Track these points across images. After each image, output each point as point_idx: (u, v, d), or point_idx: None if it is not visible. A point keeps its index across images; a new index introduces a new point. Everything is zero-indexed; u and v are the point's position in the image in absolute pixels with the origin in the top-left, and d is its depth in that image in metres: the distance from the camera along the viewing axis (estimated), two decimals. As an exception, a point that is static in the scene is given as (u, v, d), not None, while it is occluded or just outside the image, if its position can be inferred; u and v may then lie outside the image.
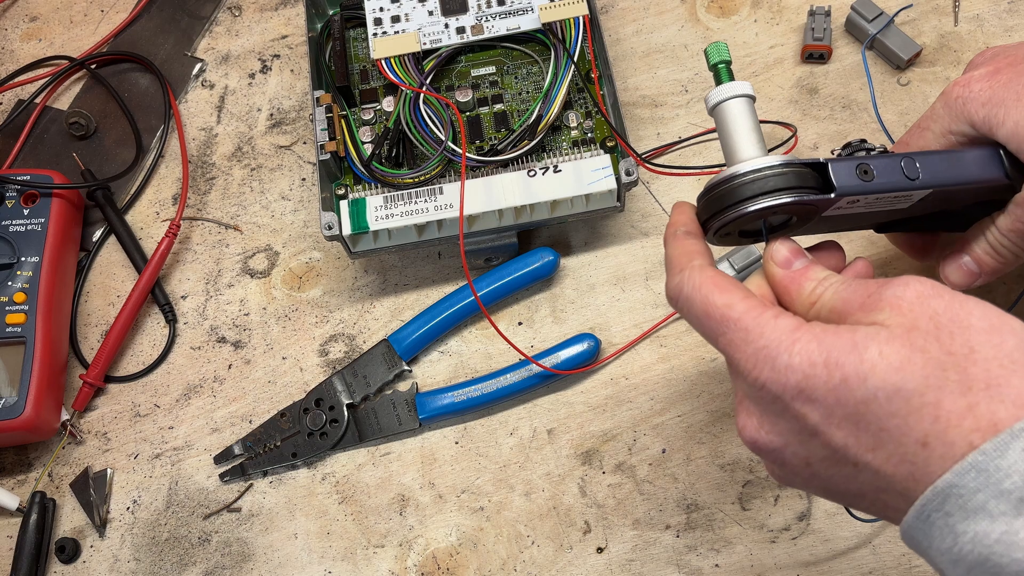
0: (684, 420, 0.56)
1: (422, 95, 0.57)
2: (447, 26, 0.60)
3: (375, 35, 0.59)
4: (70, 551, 0.56)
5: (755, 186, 0.38)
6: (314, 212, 0.65)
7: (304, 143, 0.67)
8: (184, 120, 0.69)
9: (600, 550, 0.54)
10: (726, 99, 0.41)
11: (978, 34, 0.64)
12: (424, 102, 0.57)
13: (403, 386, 0.59)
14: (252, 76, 0.70)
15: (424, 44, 0.59)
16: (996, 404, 0.30)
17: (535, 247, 0.60)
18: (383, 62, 0.58)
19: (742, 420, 0.37)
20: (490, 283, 0.59)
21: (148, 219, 0.66)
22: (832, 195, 0.38)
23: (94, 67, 0.71)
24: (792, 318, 0.35)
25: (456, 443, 0.57)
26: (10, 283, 0.59)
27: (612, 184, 0.55)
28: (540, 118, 0.57)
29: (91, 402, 0.61)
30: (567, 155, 0.57)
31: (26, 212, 0.61)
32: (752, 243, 0.43)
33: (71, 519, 0.58)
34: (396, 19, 0.60)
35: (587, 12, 0.58)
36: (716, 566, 0.53)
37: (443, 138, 0.55)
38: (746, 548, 0.53)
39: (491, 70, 0.61)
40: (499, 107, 0.59)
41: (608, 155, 0.57)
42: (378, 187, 0.57)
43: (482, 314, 0.58)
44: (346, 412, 0.58)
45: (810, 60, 0.65)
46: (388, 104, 0.60)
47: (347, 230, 0.55)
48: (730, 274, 0.49)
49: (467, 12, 0.60)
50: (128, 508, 0.58)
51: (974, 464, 0.30)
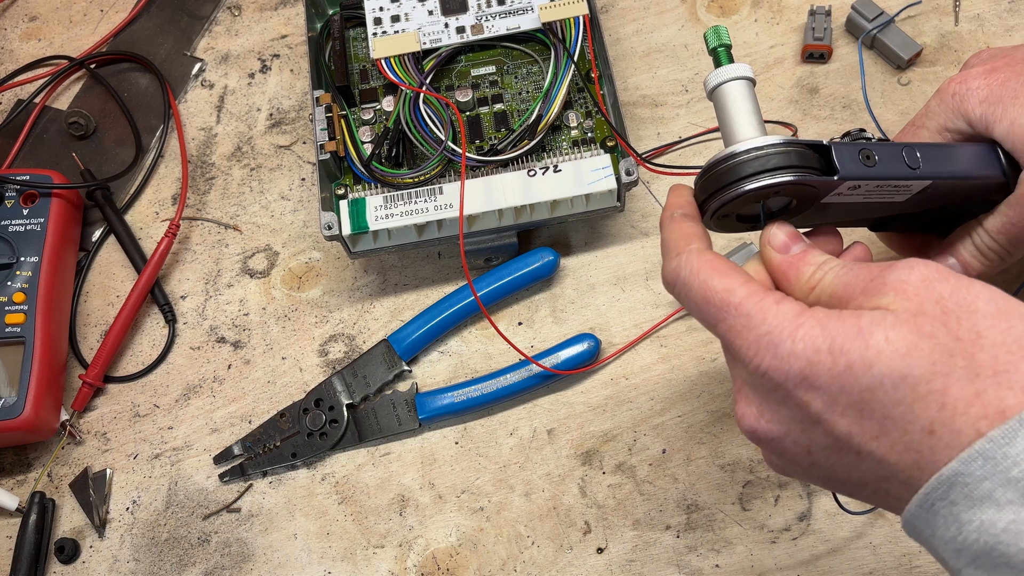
0: (684, 420, 0.56)
1: (422, 95, 0.57)
2: (447, 26, 0.60)
3: (375, 35, 0.59)
4: (69, 551, 0.56)
5: (757, 163, 0.37)
6: (314, 212, 0.65)
7: (304, 143, 0.67)
8: (184, 120, 0.69)
9: (600, 550, 0.54)
10: (726, 81, 0.40)
11: (979, 34, 0.64)
12: (424, 102, 0.57)
13: (403, 386, 0.59)
14: (252, 76, 0.70)
15: (424, 44, 0.59)
16: (1004, 391, 0.29)
17: (535, 247, 0.60)
18: (383, 62, 0.58)
19: (741, 408, 0.36)
20: (490, 283, 0.59)
21: (148, 219, 0.66)
22: (835, 177, 0.37)
23: (94, 67, 0.71)
24: (795, 303, 0.34)
25: (456, 443, 0.57)
26: (9, 283, 0.59)
27: (612, 184, 0.55)
28: (540, 118, 0.57)
29: (90, 402, 0.61)
30: (567, 155, 0.57)
31: (25, 212, 0.61)
32: (750, 230, 0.42)
33: (71, 519, 0.58)
34: (396, 19, 0.60)
35: (587, 12, 0.58)
36: (716, 566, 0.53)
37: (443, 138, 0.55)
38: (746, 548, 0.53)
39: (491, 70, 0.61)
40: (499, 107, 0.59)
41: (608, 155, 0.57)
42: (378, 187, 0.57)
43: (482, 314, 0.58)
44: (346, 412, 0.58)
45: (810, 60, 0.65)
46: (388, 104, 0.60)
47: (347, 230, 0.55)
48: None
49: (467, 12, 0.60)
50: (127, 508, 0.58)
51: (981, 452, 0.29)
